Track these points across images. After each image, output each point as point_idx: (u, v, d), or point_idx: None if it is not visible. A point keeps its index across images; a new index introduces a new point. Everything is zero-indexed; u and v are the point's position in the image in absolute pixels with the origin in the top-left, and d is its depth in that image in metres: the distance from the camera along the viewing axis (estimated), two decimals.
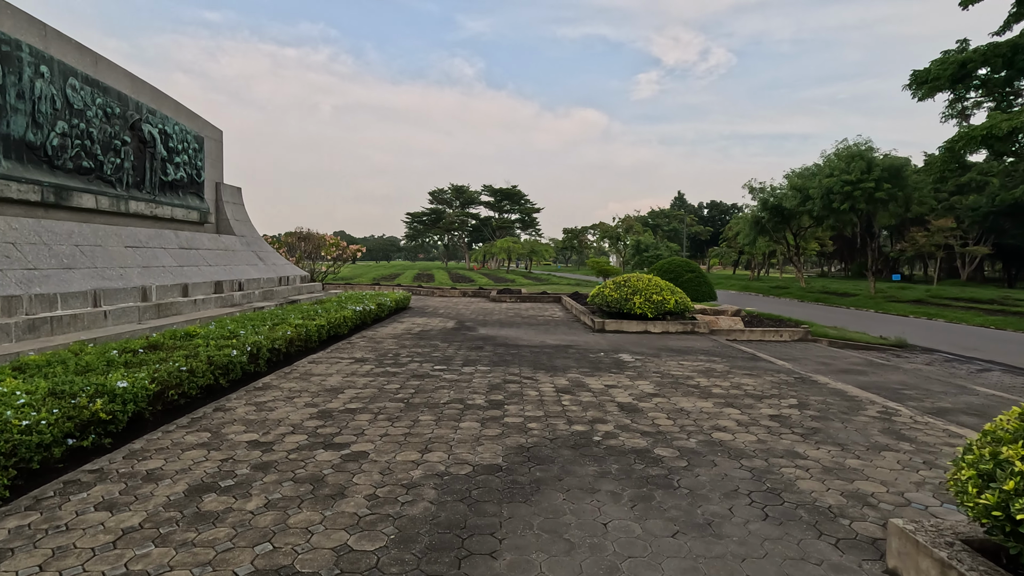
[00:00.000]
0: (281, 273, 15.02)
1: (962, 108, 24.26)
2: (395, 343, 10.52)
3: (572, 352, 9.97)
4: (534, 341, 11.23)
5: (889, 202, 25.87)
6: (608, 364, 8.83)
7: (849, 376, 9.02)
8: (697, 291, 16.90)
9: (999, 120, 19.26)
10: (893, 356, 12.22)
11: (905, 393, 7.81)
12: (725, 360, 9.45)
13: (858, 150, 25.90)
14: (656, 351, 10.30)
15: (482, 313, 16.75)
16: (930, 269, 65.54)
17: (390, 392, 6.66)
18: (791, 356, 10.96)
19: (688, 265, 17.41)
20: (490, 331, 12.65)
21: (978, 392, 8.10)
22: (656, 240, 55.03)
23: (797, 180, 29.95)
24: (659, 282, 13.60)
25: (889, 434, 5.40)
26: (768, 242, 39.54)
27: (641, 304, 12.92)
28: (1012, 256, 53.77)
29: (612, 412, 5.98)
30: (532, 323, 14.39)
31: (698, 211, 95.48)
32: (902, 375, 9.34)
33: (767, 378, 7.99)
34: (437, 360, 8.85)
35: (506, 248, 54.20)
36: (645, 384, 7.39)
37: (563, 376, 7.82)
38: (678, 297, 13.27)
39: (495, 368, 8.30)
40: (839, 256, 73.62)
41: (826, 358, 10.91)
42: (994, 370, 10.86)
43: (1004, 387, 9.25)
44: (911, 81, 24.45)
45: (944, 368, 10.96)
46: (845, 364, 10.25)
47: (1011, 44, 22.01)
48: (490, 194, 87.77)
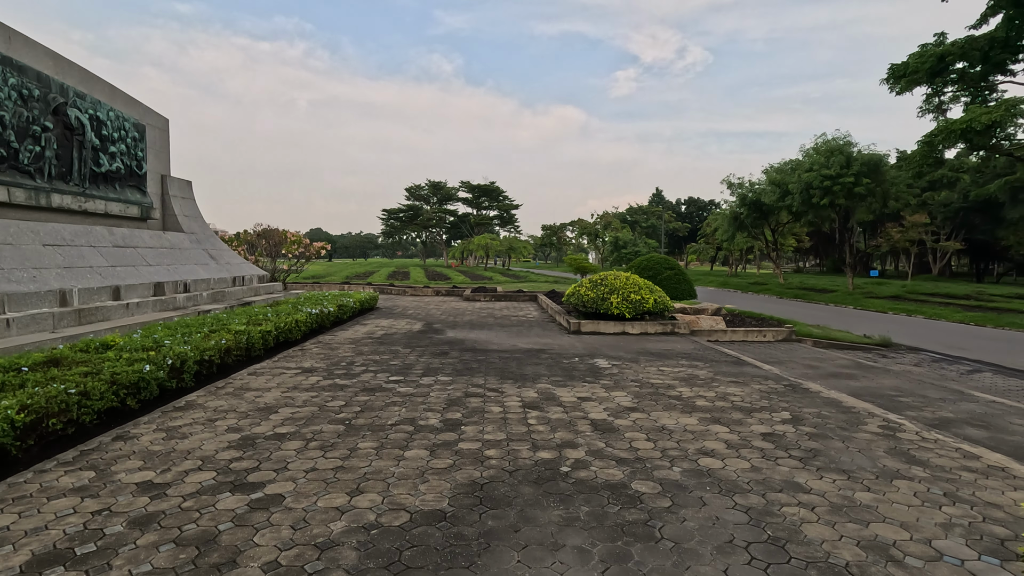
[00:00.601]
0: (236, 273, 13.98)
1: (939, 103, 24.12)
2: (352, 349, 9.63)
3: (544, 357, 9.21)
4: (505, 345, 10.44)
5: (868, 197, 25.69)
6: (583, 372, 8.09)
7: (840, 381, 8.42)
8: (676, 289, 16.30)
9: (978, 114, 19.05)
10: (880, 356, 11.73)
11: (902, 401, 7.22)
12: (708, 365, 8.79)
13: (837, 144, 25.67)
14: (634, 355, 9.60)
15: (453, 314, 15.91)
16: (902, 264, 66.53)
17: (332, 411, 5.81)
18: (777, 359, 10.36)
19: (667, 262, 16.80)
20: (459, 334, 11.83)
21: (977, 398, 7.55)
22: (634, 237, 54.67)
23: (776, 175, 29.67)
24: (637, 280, 12.92)
25: (897, 456, 4.73)
26: (746, 238, 39.37)
27: (618, 304, 12.22)
28: (981, 251, 54.72)
29: (584, 433, 5.22)
30: (505, 324, 13.61)
31: (676, 207, 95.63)
32: (894, 379, 8.78)
33: (755, 386, 7.33)
34: (395, 369, 8.00)
35: (484, 245, 53.28)
36: (622, 396, 6.65)
37: (532, 387, 7.04)
38: (657, 296, 12.61)
39: (458, 378, 7.49)
40: (814, 252, 74.35)
41: (812, 360, 10.34)
42: (984, 371, 10.42)
43: (1000, 391, 8.76)
44: (888, 75, 24.22)
45: (933, 369, 10.49)
46: (833, 367, 9.68)
47: (988, 38, 21.87)
48: (468, 190, 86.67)
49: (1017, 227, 44.49)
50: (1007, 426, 6.20)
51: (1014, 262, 57.53)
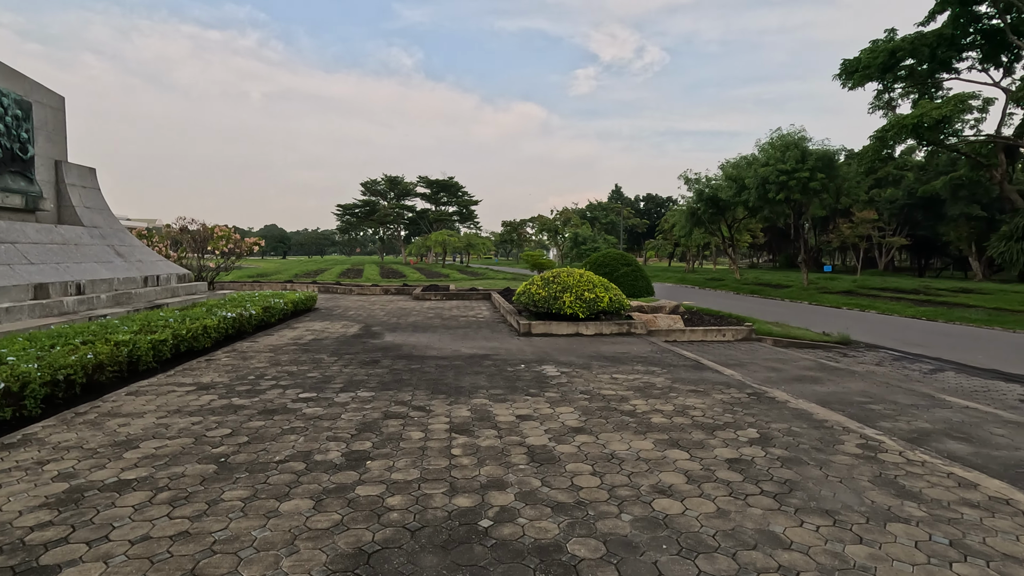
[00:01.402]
0: (148, 272, 12.48)
1: (889, 99, 24.36)
2: (269, 359, 8.44)
3: (488, 365, 8.25)
4: (446, 350, 9.44)
5: (822, 193, 25.81)
6: (528, 381, 7.17)
7: (805, 386, 7.78)
8: (634, 286, 15.63)
9: (929, 108, 19.12)
10: (841, 355, 11.29)
11: (874, 410, 6.58)
12: (666, 371, 8.01)
13: (792, 139, 25.68)
14: (587, 360, 8.76)
15: (398, 314, 14.78)
16: (849, 259, 68.71)
17: (209, 443, 4.69)
18: (738, 360, 9.71)
19: (624, 258, 16.12)
20: (398, 338, 10.75)
21: (949, 403, 7.01)
22: (593, 233, 54.40)
23: (732, 170, 29.59)
24: (592, 278, 12.12)
25: (885, 487, 3.98)
26: (703, 234, 39.49)
27: (571, 303, 11.38)
28: (923, 246, 56.93)
29: (518, 466, 4.29)
30: (451, 326, 12.59)
31: (635, 204, 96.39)
32: (860, 381, 8.21)
33: (716, 396, 6.56)
34: (310, 384, 6.89)
35: (441, 241, 51.96)
36: (568, 412, 5.76)
37: (466, 403, 6.07)
38: (612, 294, 11.84)
39: (382, 394, 6.45)
40: (768, 248, 76.07)
41: (775, 361, 9.74)
42: (946, 369, 10.06)
43: (967, 392, 8.32)
44: (841, 71, 24.30)
45: (896, 369, 10.06)
46: (796, 369, 9.07)
47: (936, 34, 22.10)
48: (426, 185, 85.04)
49: (957, 223, 46.24)
50: (989, 438, 5.61)
51: (952, 257, 60.17)
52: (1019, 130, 22.95)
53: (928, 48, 21.70)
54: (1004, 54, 23.71)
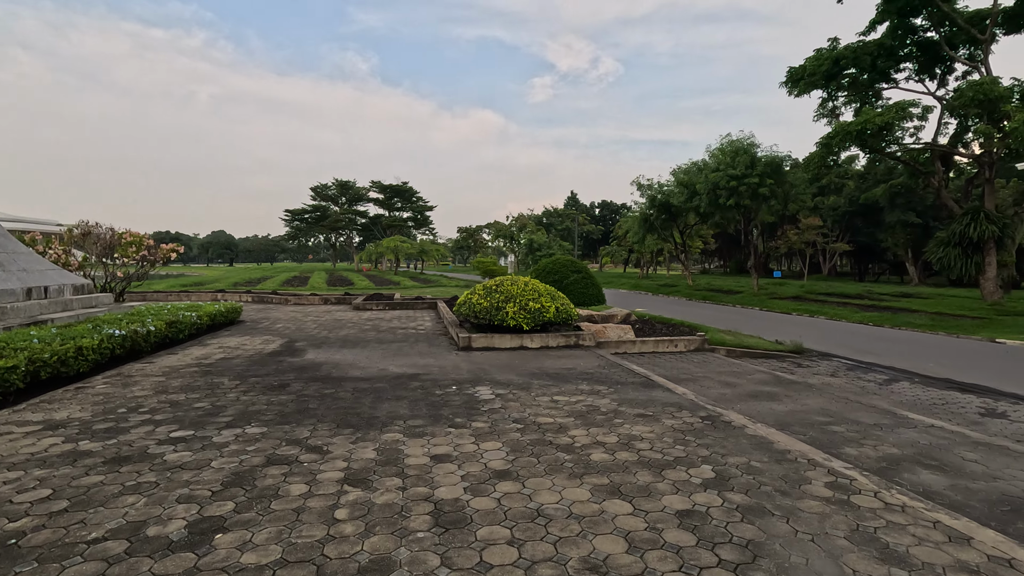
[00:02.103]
0: (34, 282, 10.90)
1: (832, 108, 24.74)
2: (156, 385, 7.21)
3: (415, 387, 7.27)
4: (371, 370, 8.40)
5: (771, 199, 26.00)
6: (456, 408, 6.24)
7: (762, 404, 7.14)
8: (584, 294, 14.94)
9: (872, 115, 19.35)
10: (795, 366, 10.84)
11: (837, 432, 5.96)
12: (612, 390, 7.23)
13: (742, 145, 25.81)
14: (528, 378, 7.90)
15: (331, 327, 13.58)
16: (795, 265, 70.84)
17: (8, 513, 3.55)
18: (690, 375, 9.06)
19: (574, 264, 15.43)
20: (321, 355, 9.63)
21: (913, 422, 6.48)
22: (549, 239, 54.01)
23: (684, 176, 29.58)
24: (537, 286, 11.30)
25: (866, 546, 3.25)
26: (656, 240, 39.55)
27: (515, 314, 10.52)
28: (863, 252, 59.17)
29: (416, 534, 3.35)
30: (386, 340, 11.53)
31: (590, 211, 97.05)
32: (818, 397, 7.65)
33: (667, 421, 5.80)
34: (192, 418, 5.75)
35: (393, 248, 50.38)
36: (495, 450, 4.86)
37: (375, 440, 5.09)
38: (559, 304, 11.05)
39: (275, 429, 5.39)
40: (719, 254, 77.70)
41: (728, 374, 9.13)
42: (900, 379, 9.71)
43: (925, 406, 7.88)
44: (787, 78, 24.54)
45: (852, 380, 9.63)
46: (751, 384, 8.47)
47: (876, 44, 22.53)
48: (379, 190, 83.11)
49: (894, 230, 48.13)
50: (962, 465, 5.03)
51: (889, 262, 62.84)
52: (953, 139, 23.64)
53: (869, 57, 22.10)
54: (938, 66, 24.47)
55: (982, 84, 17.51)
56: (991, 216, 20.80)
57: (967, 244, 21.73)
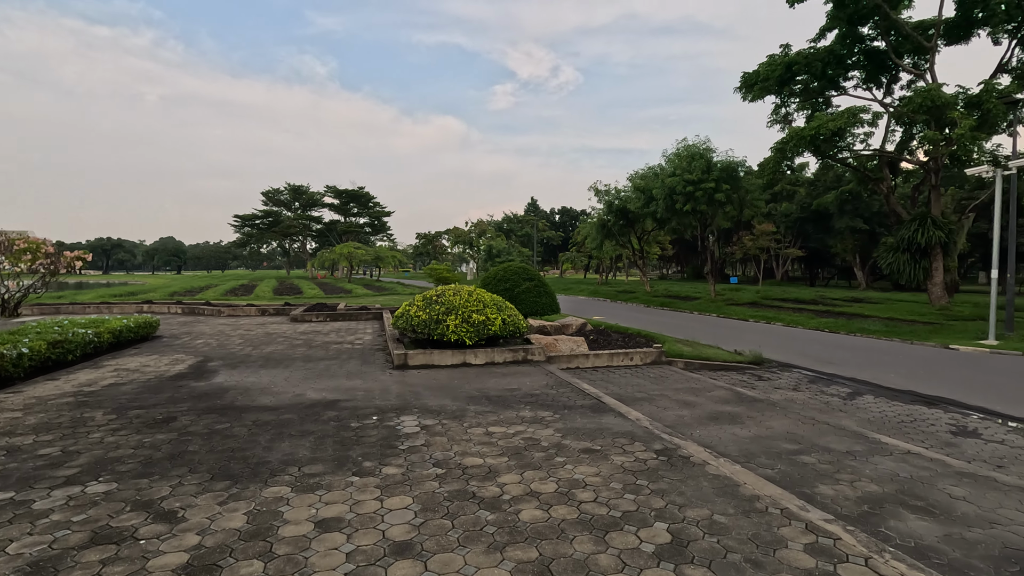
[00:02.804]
0: None
1: (786, 114, 24.84)
2: (5, 424, 5.91)
3: (328, 419, 6.21)
4: (284, 396, 7.28)
5: (727, 204, 25.91)
6: (369, 447, 5.23)
7: (724, 430, 6.39)
8: (536, 303, 14.10)
9: (825, 120, 19.33)
10: (756, 379, 10.24)
11: (808, 465, 5.23)
12: (558, 416, 6.36)
13: (698, 150, 25.65)
14: (464, 403, 6.95)
15: (258, 342, 12.30)
16: (750, 270, 72.33)
17: None
18: (646, 393, 8.28)
19: (526, 272, 14.58)
20: (232, 378, 8.42)
21: (886, 447, 5.83)
22: (508, 245, 53.27)
23: (640, 181, 29.28)
24: (483, 296, 10.37)
25: None
26: (615, 246, 39.30)
27: (457, 327, 9.55)
28: (814, 258, 60.82)
29: None
30: (315, 357, 10.38)
31: (550, 217, 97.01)
32: (783, 417, 6.97)
33: (616, 459, 4.95)
34: (23, 473, 4.56)
35: (347, 254, 48.56)
36: (401, 509, 3.88)
37: (254, 496, 4.04)
38: (507, 315, 10.15)
39: (127, 485, 4.26)
40: (676, 259, 78.70)
41: (687, 392, 8.40)
42: (864, 393, 9.20)
43: (895, 425, 7.31)
44: (741, 84, 24.51)
45: (815, 394, 9.06)
46: (711, 403, 7.75)
47: (827, 51, 22.68)
48: (335, 195, 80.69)
49: (843, 236, 49.48)
50: (951, 505, 4.35)
51: (838, 267, 64.84)
52: (900, 147, 24.02)
53: (820, 63, 22.20)
54: (883, 75, 24.90)
55: (930, 91, 17.67)
56: (938, 222, 21.11)
57: (915, 249, 22.01)
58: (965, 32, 22.49)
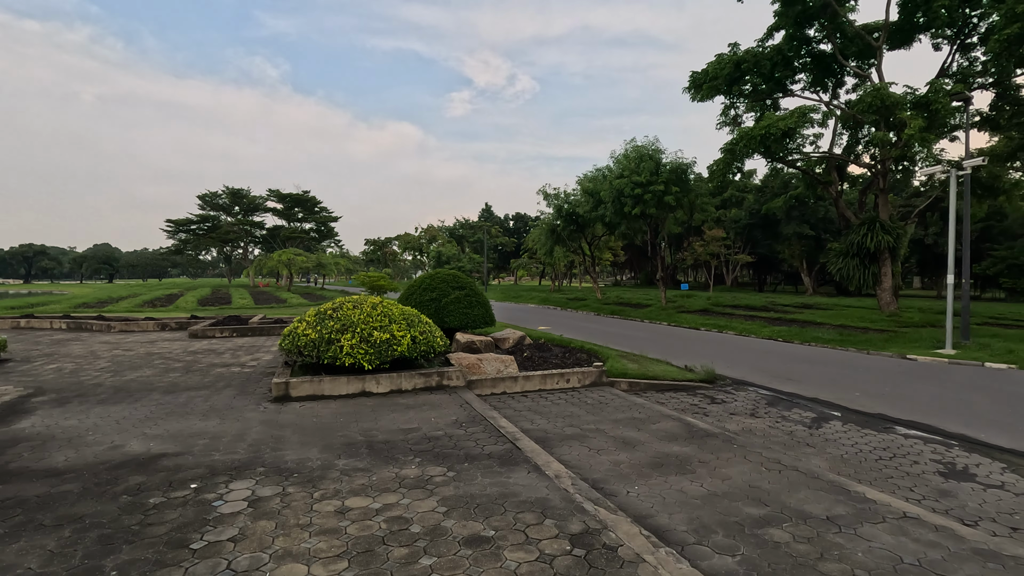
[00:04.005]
0: None
1: (735, 115, 24.20)
2: None
3: (124, 491, 4.40)
4: (94, 449, 5.40)
5: (677, 208, 25.06)
6: (146, 546, 3.48)
7: (670, 484, 4.91)
8: (467, 315, 12.47)
9: (776, 120, 18.59)
10: (709, 401, 8.91)
11: (781, 547, 3.78)
12: (451, 476, 4.75)
13: (647, 151, 24.70)
14: (335, 455, 5.26)
15: (126, 366, 10.19)
16: (701, 276, 72.90)
17: None
18: (578, 428, 6.76)
19: (456, 280, 12.94)
20: (47, 420, 6.44)
21: (875, 508, 4.49)
22: (458, 252, 51.45)
23: (589, 184, 28.18)
24: (390, 310, 8.67)
25: None
26: (566, 252, 38.15)
27: (352, 348, 7.81)
28: (763, 263, 61.66)
29: None
30: (182, 387, 8.44)
31: (504, 223, 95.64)
32: (742, 462, 5.58)
33: (511, 556, 3.36)
34: None
35: (285, 261, 45.65)
36: None
37: None
38: (418, 332, 8.48)
39: None
40: (630, 265, 78.68)
41: (628, 425, 6.94)
42: (830, 419, 7.98)
43: (875, 466, 6.03)
44: (690, 83, 23.72)
45: (776, 422, 7.77)
46: (657, 441, 6.30)
47: (775, 50, 22.12)
48: (278, 200, 76.85)
49: (790, 242, 50.08)
50: None
51: (785, 273, 66.05)
52: (847, 150, 23.72)
53: (769, 63, 21.60)
54: (829, 79, 24.62)
55: (880, 90, 17.15)
56: (886, 226, 20.72)
57: (864, 255, 21.60)
58: (908, 36, 22.38)
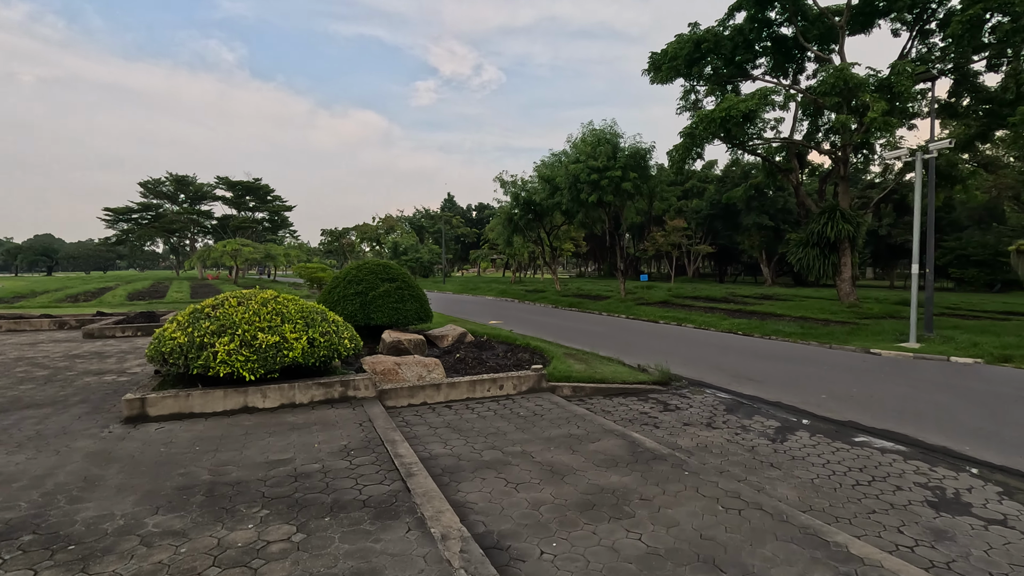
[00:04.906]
0: None
1: (695, 100, 23.32)
2: None
3: None
4: None
5: (636, 195, 24.09)
6: None
7: (598, 539, 3.70)
8: (398, 310, 11.08)
9: (736, 102, 17.71)
10: (661, 408, 7.80)
11: None
12: (298, 540, 3.43)
13: (604, 135, 23.59)
14: (150, 510, 3.86)
15: None
16: (663, 267, 72.99)
17: None
18: (499, 451, 5.50)
19: (386, 271, 11.52)
20: None
21: (865, 572, 3.37)
22: (416, 242, 49.63)
23: (546, 171, 26.98)
24: (285, 307, 7.23)
25: None
26: (525, 242, 36.94)
27: (230, 354, 6.35)
28: (724, 254, 61.86)
29: None
30: (24, 402, 6.85)
31: (467, 213, 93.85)
32: (693, 498, 4.43)
33: None
34: None
35: (231, 251, 43.04)
36: None
37: None
38: (319, 332, 7.07)
39: None
40: (593, 256, 78.17)
41: (562, 445, 5.73)
42: (797, 429, 6.98)
43: (851, 494, 4.99)
44: (649, 65, 22.70)
45: (735, 434, 6.71)
46: (593, 468, 5.10)
47: (736, 31, 21.26)
48: (227, 187, 73.25)
49: (750, 232, 50.12)
50: None
51: (745, 264, 66.57)
52: (807, 137, 23.15)
53: (729, 44, 20.72)
54: (790, 64, 23.98)
55: (843, 70, 16.43)
56: (847, 215, 20.20)
57: (824, 244, 21.07)
58: (868, 20, 21.82)
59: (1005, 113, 18.82)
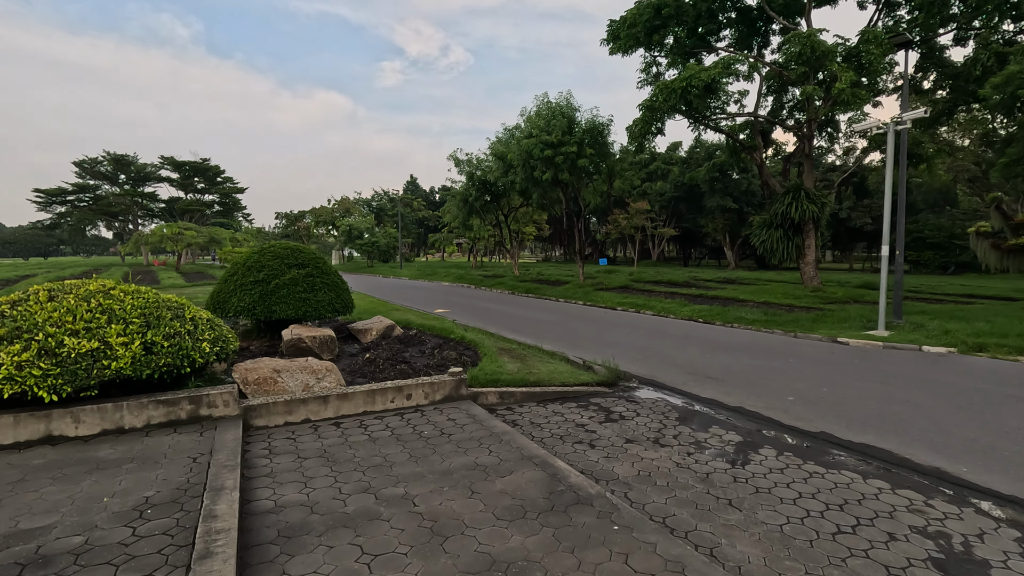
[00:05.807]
0: None
1: (657, 72, 22.03)
2: None
3: None
4: None
5: (594, 174, 22.79)
6: None
7: None
8: (309, 301, 9.47)
9: (698, 71, 16.47)
10: (603, 417, 6.50)
11: None
12: None
13: (559, 107, 22.10)
14: None
15: None
16: (628, 251, 72.41)
17: None
18: (374, 494, 4.05)
19: (296, 255, 9.90)
20: None
21: None
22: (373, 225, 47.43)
23: (500, 147, 25.38)
24: (119, 302, 5.60)
25: None
26: (483, 224, 35.35)
27: (21, 366, 4.72)
28: (687, 237, 61.53)
29: None
30: None
31: (430, 196, 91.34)
32: (619, 571, 3.09)
33: None
34: None
35: (171, 236, 40.15)
36: None
37: None
38: (161, 335, 5.48)
39: None
40: (557, 240, 77.04)
41: (460, 482, 4.34)
42: (761, 443, 5.78)
43: (831, 538, 3.76)
44: (608, 35, 21.27)
45: (688, 452, 5.45)
46: (492, 521, 3.73)
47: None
48: (173, 168, 69.05)
49: (713, 215, 49.66)
50: None
51: (709, 247, 66.50)
52: (772, 113, 22.17)
53: (693, 10, 19.41)
54: (755, 38, 22.91)
55: (811, 36, 15.33)
56: (811, 195, 19.35)
57: (788, 225, 20.22)
58: None
59: (972, 88, 18.14)
